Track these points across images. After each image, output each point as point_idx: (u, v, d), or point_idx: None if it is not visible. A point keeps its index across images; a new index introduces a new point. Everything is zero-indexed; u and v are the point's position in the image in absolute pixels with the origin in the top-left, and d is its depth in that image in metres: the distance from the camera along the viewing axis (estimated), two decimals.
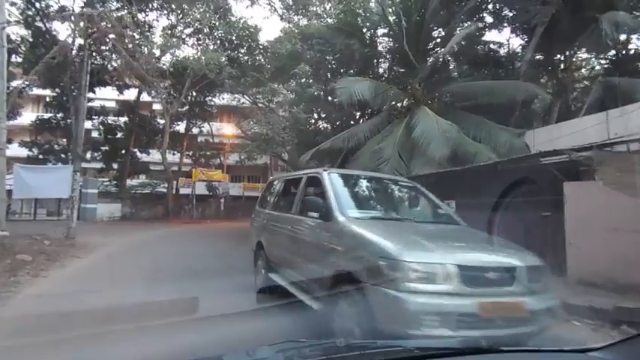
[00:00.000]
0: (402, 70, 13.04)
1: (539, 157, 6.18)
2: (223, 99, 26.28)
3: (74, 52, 15.99)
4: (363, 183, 4.78)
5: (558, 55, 12.66)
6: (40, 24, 19.42)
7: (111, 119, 25.85)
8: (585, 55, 13.11)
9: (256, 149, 14.33)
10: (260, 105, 22.36)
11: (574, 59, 12.71)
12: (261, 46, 18.84)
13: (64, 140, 23.28)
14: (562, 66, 12.79)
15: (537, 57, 12.35)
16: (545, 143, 8.66)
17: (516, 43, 14.59)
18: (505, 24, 12.92)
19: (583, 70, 14.28)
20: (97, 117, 25.15)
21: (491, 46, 14.06)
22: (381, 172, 10.29)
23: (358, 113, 14.22)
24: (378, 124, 12.01)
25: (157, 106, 27.34)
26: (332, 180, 4.18)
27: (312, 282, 3.62)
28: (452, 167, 9.31)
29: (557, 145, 7.88)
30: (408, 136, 10.84)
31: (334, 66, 13.73)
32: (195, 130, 28.43)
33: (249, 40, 20.00)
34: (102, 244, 9.11)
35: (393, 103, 12.09)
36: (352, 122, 14.39)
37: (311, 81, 14.20)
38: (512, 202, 5.59)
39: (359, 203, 4.26)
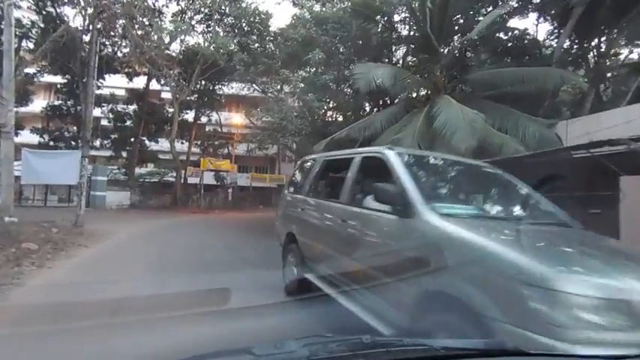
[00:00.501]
0: (422, 57, 12.43)
1: (589, 148, 5.62)
2: (232, 88, 25.87)
3: (85, 37, 15.78)
4: (441, 167, 3.67)
5: (591, 42, 11.94)
6: (50, 9, 19.06)
7: (120, 107, 25.64)
8: (623, 42, 12.34)
9: (268, 138, 13.88)
10: (270, 95, 21.96)
11: (610, 46, 11.95)
12: (272, 33, 18.35)
13: (75, 127, 23.10)
14: (596, 53, 12.06)
15: (569, 43, 11.66)
16: (582, 136, 8.09)
17: (543, 29, 13.87)
18: (531, 7, 12.18)
19: (621, 57, 13.47)
20: (106, 105, 24.92)
21: (517, 32, 13.36)
22: None
23: (372, 103, 13.68)
24: (396, 114, 11.48)
25: (166, 95, 27.01)
26: (403, 162, 3.15)
27: (379, 298, 2.78)
28: (476, 159, 8.81)
29: (596, 137, 7.31)
30: (428, 126, 10.33)
31: (350, 51, 13.16)
32: (203, 119, 28.12)
33: (260, 27, 19.52)
34: (110, 233, 8.84)
35: (413, 91, 11.49)
36: (366, 112, 13.88)
37: (323, 68, 13.66)
38: (553, 198, 5.08)
39: (444, 195, 3.27)
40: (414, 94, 11.59)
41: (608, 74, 12.30)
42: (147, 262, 5.95)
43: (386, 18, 12.34)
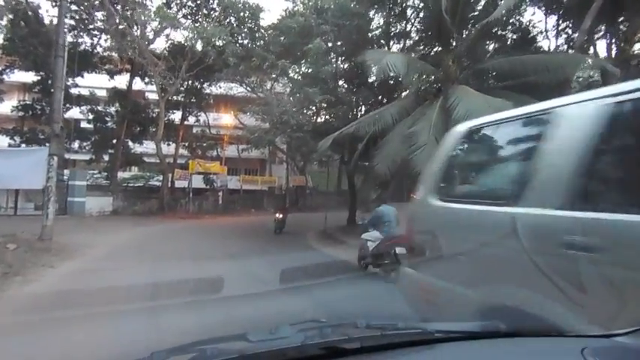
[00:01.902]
0: (434, 45, 11.47)
1: None
2: (220, 87, 24.64)
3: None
4: None
5: (614, 26, 11.16)
6: None
7: (101, 108, 24.10)
8: None
9: (266, 135, 12.63)
10: (260, 94, 20.79)
11: (635, 30, 11.20)
12: (263, 28, 17.18)
13: (50, 128, 21.48)
14: (619, 38, 11.30)
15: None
16: None
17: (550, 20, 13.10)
18: None
19: None
20: (85, 104, 23.36)
21: (526, 22, 12.56)
22: (414, 161, 8.87)
23: (380, 95, 12.66)
24: (407, 106, 10.50)
25: (151, 95, 25.56)
26: None
27: None
28: None
29: None
30: (444, 118, 9.38)
31: (353, 39, 12.09)
32: (191, 120, 26.75)
33: (251, 22, 18.35)
34: (85, 246, 7.46)
35: (424, 82, 10.50)
36: (371, 105, 12.83)
37: (323, 60, 12.58)
38: None
39: None
40: (425, 86, 10.56)
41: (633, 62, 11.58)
42: (129, 292, 4.36)
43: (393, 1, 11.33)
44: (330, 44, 12.65)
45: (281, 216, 12.78)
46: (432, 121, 9.25)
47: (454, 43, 10.34)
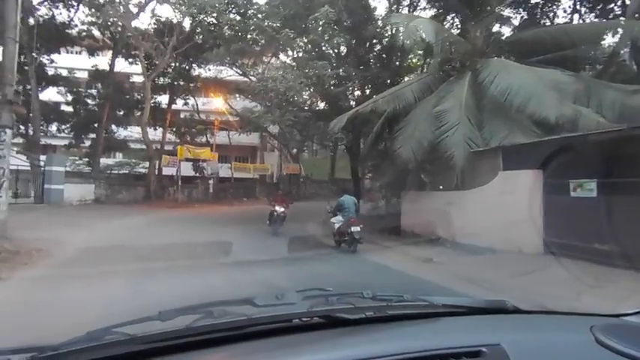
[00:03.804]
0: (458, 15, 10.20)
1: None
2: (210, 70, 22.98)
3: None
4: None
5: None
6: None
7: (82, 89, 22.26)
8: None
9: (265, 115, 11.11)
10: (252, 77, 19.29)
11: None
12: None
13: (24, 111, 19.56)
14: None
15: None
16: None
17: None
18: None
19: None
20: (63, 85, 21.50)
21: None
22: (446, 142, 7.71)
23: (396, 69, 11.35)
24: (430, 82, 9.29)
25: (136, 79, 23.74)
26: None
27: None
28: (544, 134, 6.76)
29: None
30: (475, 95, 8.25)
31: (360, 10, 10.74)
32: (179, 104, 25.09)
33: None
34: (51, 244, 5.99)
35: (451, 53, 9.24)
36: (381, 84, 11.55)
37: (332, 31, 11.19)
38: None
39: None
40: (451, 60, 9.29)
41: None
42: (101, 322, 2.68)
43: None
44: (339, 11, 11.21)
45: (282, 209, 9.74)
46: (462, 98, 8.08)
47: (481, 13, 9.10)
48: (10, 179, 17.32)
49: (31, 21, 18.40)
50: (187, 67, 23.38)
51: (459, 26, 10.07)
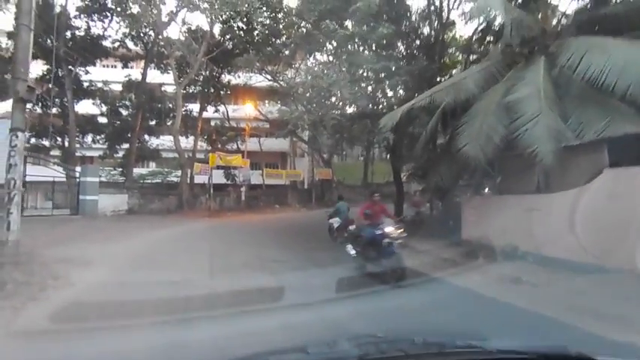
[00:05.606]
0: None
1: None
2: (239, 77, 22.73)
3: None
4: None
5: None
6: None
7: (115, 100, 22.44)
8: None
9: (305, 116, 10.18)
10: (281, 82, 18.68)
11: None
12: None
13: (61, 122, 19.75)
14: None
15: None
16: None
17: None
18: None
19: None
20: (98, 97, 21.73)
21: None
22: (525, 136, 6.52)
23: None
24: (494, 71, 8.10)
25: (168, 88, 23.78)
26: None
27: None
28: None
29: None
30: (554, 81, 7.03)
31: None
32: (210, 111, 24.91)
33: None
34: (73, 269, 4.97)
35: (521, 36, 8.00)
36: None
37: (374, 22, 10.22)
38: None
39: None
40: (521, 42, 8.04)
41: None
42: None
43: None
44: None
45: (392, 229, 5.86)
46: (539, 85, 6.85)
47: None
48: (49, 191, 17.42)
49: (68, 34, 18.85)
50: (217, 75, 23.17)
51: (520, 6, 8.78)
